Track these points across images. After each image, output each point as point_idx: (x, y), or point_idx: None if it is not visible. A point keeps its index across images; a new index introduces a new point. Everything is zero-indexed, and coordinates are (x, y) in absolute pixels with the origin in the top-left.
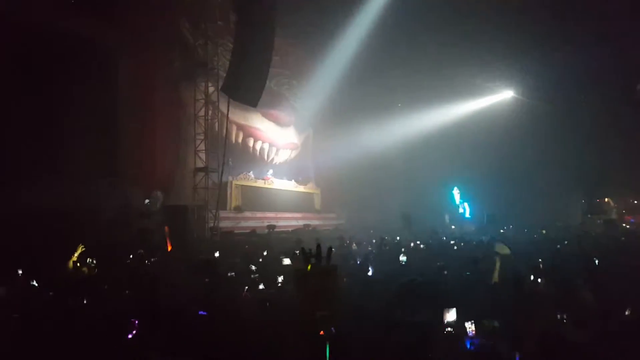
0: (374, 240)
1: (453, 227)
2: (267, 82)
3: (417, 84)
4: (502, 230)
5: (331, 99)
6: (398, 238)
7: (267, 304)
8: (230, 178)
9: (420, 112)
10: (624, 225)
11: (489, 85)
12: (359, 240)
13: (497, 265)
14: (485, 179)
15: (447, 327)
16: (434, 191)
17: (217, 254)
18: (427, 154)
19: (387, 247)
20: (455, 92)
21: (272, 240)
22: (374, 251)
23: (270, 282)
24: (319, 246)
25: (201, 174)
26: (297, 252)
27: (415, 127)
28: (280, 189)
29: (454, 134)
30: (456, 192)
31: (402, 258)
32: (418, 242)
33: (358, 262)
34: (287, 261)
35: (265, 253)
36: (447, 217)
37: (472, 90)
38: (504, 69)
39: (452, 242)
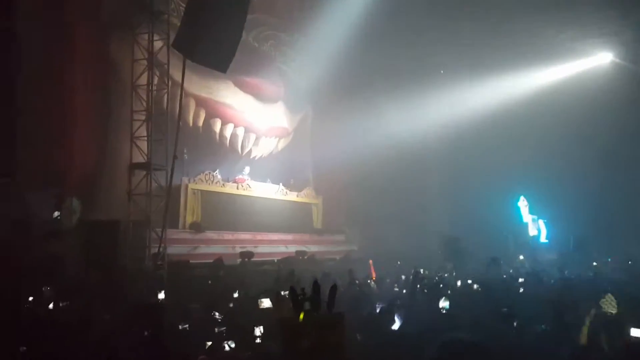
0: (402, 277)
1: (521, 256)
2: (244, 35)
3: (469, 42)
4: (595, 263)
5: (340, 63)
6: (439, 274)
7: None
8: (185, 180)
9: (473, 84)
10: None
11: (579, 45)
12: (379, 276)
13: (587, 323)
14: (570, 183)
15: None
16: (491, 202)
17: (161, 295)
18: (481, 146)
19: (425, 287)
20: (527, 55)
21: (247, 275)
22: (402, 292)
23: (244, 336)
24: (316, 283)
25: (140, 174)
26: (284, 292)
27: (464, 105)
28: (262, 197)
29: (523, 116)
30: (523, 204)
31: (444, 304)
32: (469, 281)
33: (378, 310)
34: (267, 303)
35: (236, 294)
36: (511, 242)
37: (554, 53)
38: (600, 23)
39: (520, 280)
